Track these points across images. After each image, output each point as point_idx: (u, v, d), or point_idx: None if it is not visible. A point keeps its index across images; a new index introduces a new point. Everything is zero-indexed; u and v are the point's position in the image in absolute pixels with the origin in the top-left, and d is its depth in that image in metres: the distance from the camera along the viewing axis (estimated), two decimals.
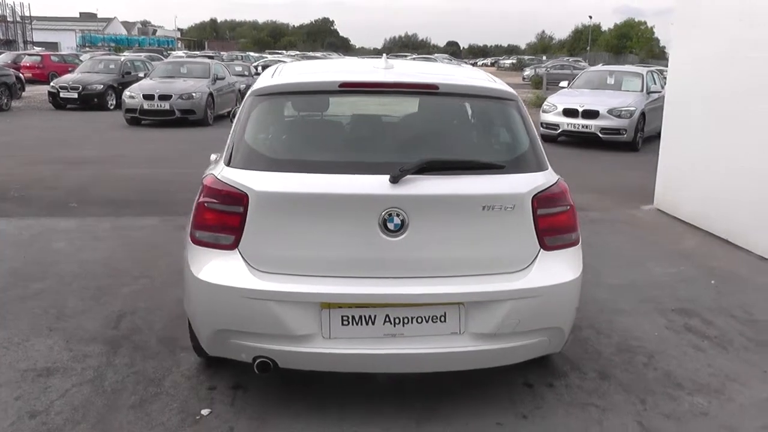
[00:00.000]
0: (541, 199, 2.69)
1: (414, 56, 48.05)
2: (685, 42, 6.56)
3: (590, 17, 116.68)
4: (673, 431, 2.89)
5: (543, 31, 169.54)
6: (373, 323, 2.58)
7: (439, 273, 2.62)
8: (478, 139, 2.89)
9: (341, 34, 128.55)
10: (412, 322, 2.59)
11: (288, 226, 2.57)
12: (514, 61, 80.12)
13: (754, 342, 3.82)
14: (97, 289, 4.36)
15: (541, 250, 2.72)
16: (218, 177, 2.67)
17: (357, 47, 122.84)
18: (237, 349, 2.70)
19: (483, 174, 2.67)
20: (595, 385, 3.26)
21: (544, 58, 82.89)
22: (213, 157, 3.61)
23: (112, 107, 16.05)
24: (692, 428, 2.93)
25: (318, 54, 48.51)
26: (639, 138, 11.18)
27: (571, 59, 63.18)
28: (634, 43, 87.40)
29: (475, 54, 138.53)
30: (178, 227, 5.91)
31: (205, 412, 2.92)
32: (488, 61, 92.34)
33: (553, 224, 2.73)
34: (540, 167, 2.78)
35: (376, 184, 2.54)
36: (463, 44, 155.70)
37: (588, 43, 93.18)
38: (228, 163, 2.72)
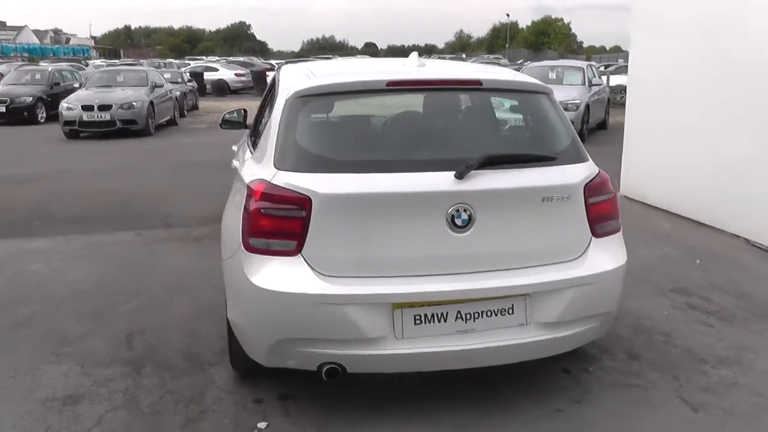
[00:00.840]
0: (591, 188, 2.77)
1: (336, 56, 47.89)
2: (645, 39, 6.88)
3: (508, 15, 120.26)
4: (714, 403, 3.04)
5: (461, 30, 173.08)
6: (445, 320, 2.58)
7: (504, 266, 2.65)
8: (525, 133, 2.94)
9: (258, 38, 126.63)
10: (482, 317, 2.61)
11: (353, 227, 2.53)
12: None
13: (752, 314, 4.06)
14: (93, 310, 4.14)
15: (593, 237, 2.80)
16: (273, 182, 2.58)
17: (275, 51, 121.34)
18: (301, 358, 2.64)
19: (538, 166, 2.72)
20: (628, 366, 3.37)
21: (464, 56, 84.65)
22: (235, 163, 3.48)
23: (42, 120, 15.14)
24: (729, 398, 3.08)
25: (241, 58, 47.44)
26: (585, 129, 11.63)
27: (491, 56, 64.84)
28: (552, 39, 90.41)
29: (394, 54, 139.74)
30: (155, 241, 5.72)
31: (262, 425, 2.83)
32: None
33: (601, 212, 2.82)
34: (583, 158, 2.86)
35: (442, 180, 2.55)
36: (381, 45, 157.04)
37: (507, 40, 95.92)
38: (278, 167, 2.64)
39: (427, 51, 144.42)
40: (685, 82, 6.16)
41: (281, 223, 2.56)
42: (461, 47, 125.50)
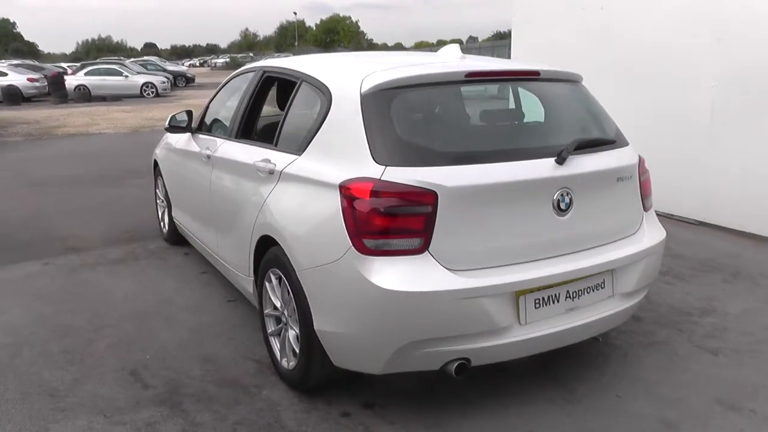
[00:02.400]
0: (641, 167, 3.05)
1: (132, 59, 44.67)
2: (523, 32, 7.52)
3: (295, 14, 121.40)
4: (723, 346, 3.51)
5: (246, 29, 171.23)
6: (557, 301, 2.69)
7: (594, 244, 2.82)
8: (584, 118, 3.10)
9: (26, 38, 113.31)
10: (584, 294, 2.76)
11: (475, 219, 2.53)
12: (228, 60, 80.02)
13: (695, 270, 4.71)
14: (63, 353, 3.56)
15: (644, 212, 3.10)
16: (384, 179, 2.47)
17: (46, 53, 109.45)
18: (425, 359, 2.56)
19: (608, 149, 2.94)
20: (638, 327, 3.75)
21: (252, 55, 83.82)
22: (266, 166, 3.18)
23: None
24: (730, 341, 3.58)
25: (16, 61, 42.05)
26: None
27: (281, 55, 65.06)
28: (341, 37, 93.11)
29: (178, 55, 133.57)
30: (72, 269, 5.06)
31: None
32: (196, 61, 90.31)
33: (646, 188, 3.12)
34: (626, 140, 3.13)
35: (547, 166, 2.65)
36: (163, 45, 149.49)
37: (295, 38, 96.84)
38: (383, 162, 2.51)
39: (210, 51, 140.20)
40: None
41: (402, 221, 2.47)
42: (248, 46, 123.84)
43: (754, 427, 2.78)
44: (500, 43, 51.85)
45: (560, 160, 2.66)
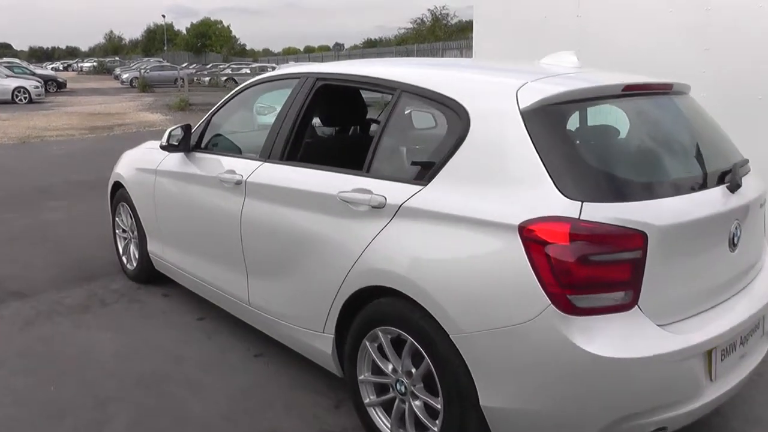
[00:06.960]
0: None
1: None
2: (487, 41, 7.31)
3: (163, 16, 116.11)
4: None
5: (111, 31, 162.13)
6: (735, 350, 2.31)
7: (748, 281, 2.47)
8: (713, 136, 2.67)
9: None
10: (750, 337, 2.40)
11: (674, 262, 2.10)
12: (95, 64, 75.36)
13: None
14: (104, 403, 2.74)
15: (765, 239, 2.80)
16: (587, 218, 1.97)
17: None
18: None
19: (748, 171, 2.59)
20: None
21: (118, 59, 79.18)
22: (367, 199, 2.55)
23: None
24: None
25: None
26: None
27: (152, 60, 61.74)
28: (213, 41, 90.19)
29: (38, 57, 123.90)
30: (28, 321, 4.13)
31: None
32: (59, 64, 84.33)
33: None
34: None
35: (724, 196, 2.28)
36: (18, 46, 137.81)
37: (164, 42, 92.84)
38: (576, 197, 2.00)
39: (70, 54, 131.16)
40: None
41: (609, 270, 1.99)
42: (114, 50, 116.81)
43: None
44: (368, 51, 51.60)
45: (733, 188, 2.30)
